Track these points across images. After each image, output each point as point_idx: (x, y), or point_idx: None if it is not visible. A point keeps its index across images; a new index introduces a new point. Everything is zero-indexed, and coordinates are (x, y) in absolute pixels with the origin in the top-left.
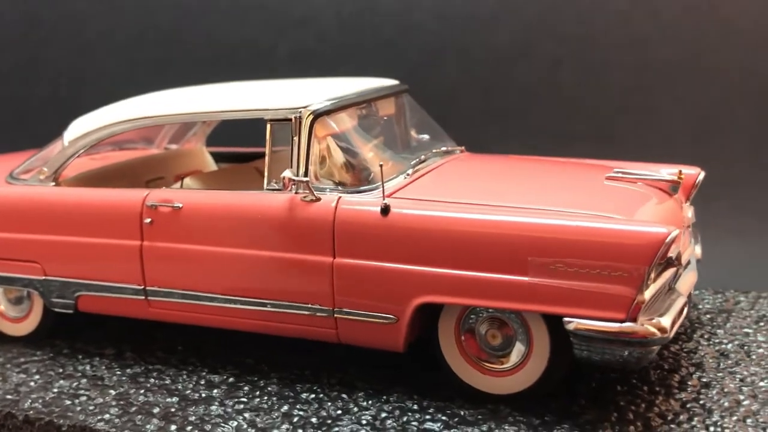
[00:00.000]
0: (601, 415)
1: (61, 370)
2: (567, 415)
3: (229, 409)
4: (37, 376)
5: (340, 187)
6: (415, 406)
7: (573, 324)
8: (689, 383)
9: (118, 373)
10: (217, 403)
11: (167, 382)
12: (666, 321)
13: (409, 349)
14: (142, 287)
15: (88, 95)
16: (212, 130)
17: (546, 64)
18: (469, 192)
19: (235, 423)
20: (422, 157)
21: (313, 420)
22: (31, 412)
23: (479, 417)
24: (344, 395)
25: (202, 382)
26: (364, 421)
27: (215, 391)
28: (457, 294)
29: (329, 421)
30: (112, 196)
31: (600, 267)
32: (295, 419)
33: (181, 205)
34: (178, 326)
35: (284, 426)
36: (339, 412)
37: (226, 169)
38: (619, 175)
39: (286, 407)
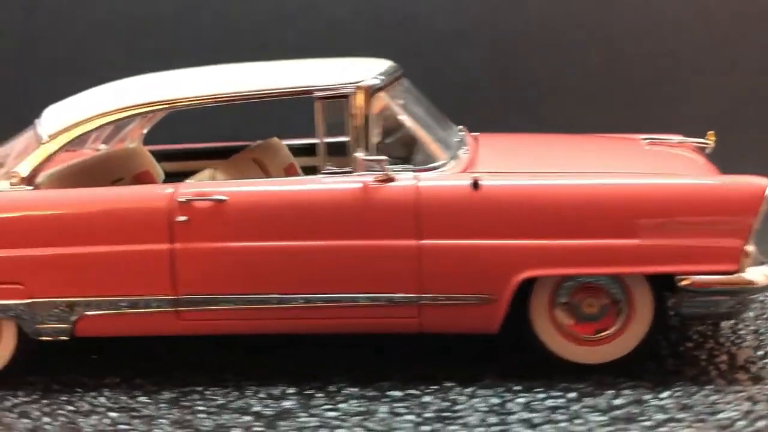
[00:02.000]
0: (698, 370)
1: (72, 408)
2: (667, 374)
3: (327, 417)
4: (47, 419)
5: (400, 165)
6: (519, 387)
7: (688, 280)
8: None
9: (144, 399)
10: (304, 414)
11: (219, 401)
12: (766, 269)
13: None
14: (173, 297)
15: (86, 85)
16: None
17: (568, 52)
18: (545, 162)
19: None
20: (458, 134)
21: (428, 415)
22: None
23: (591, 388)
24: (436, 386)
25: (262, 396)
26: (484, 408)
27: (286, 403)
28: (563, 264)
29: (446, 414)
30: (124, 195)
31: (709, 222)
32: (408, 416)
33: (225, 198)
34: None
35: (407, 424)
36: (447, 403)
37: (228, 163)
38: (657, 140)
39: (385, 408)
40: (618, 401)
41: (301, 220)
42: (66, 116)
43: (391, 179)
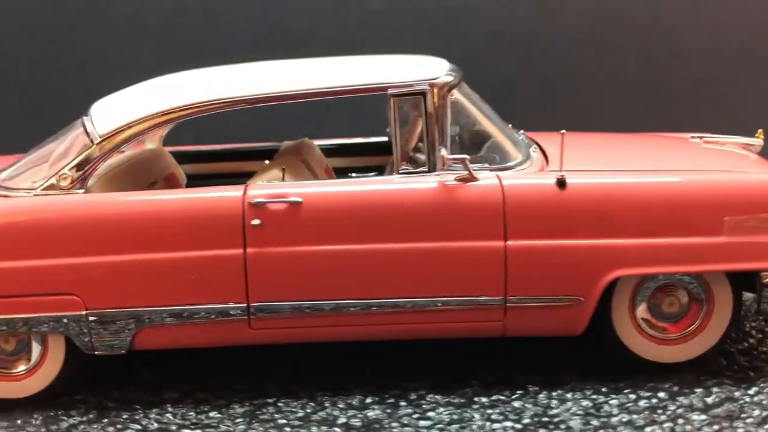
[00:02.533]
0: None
1: (139, 427)
2: (744, 370)
3: (422, 427)
4: None
5: (476, 164)
6: (605, 389)
7: None
8: None
9: (216, 414)
10: (396, 424)
11: (299, 413)
12: None
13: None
14: (245, 305)
15: (114, 84)
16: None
17: (611, 53)
18: (618, 160)
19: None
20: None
21: (526, 421)
22: None
23: (677, 387)
24: (521, 391)
25: (341, 405)
26: (580, 411)
27: (371, 412)
28: (652, 264)
29: (545, 419)
30: (192, 198)
31: None
32: (506, 422)
33: (300, 200)
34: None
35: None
36: (539, 408)
37: (278, 164)
38: (708, 138)
39: (477, 415)
40: (711, 399)
41: (382, 221)
42: (120, 115)
43: (473, 179)
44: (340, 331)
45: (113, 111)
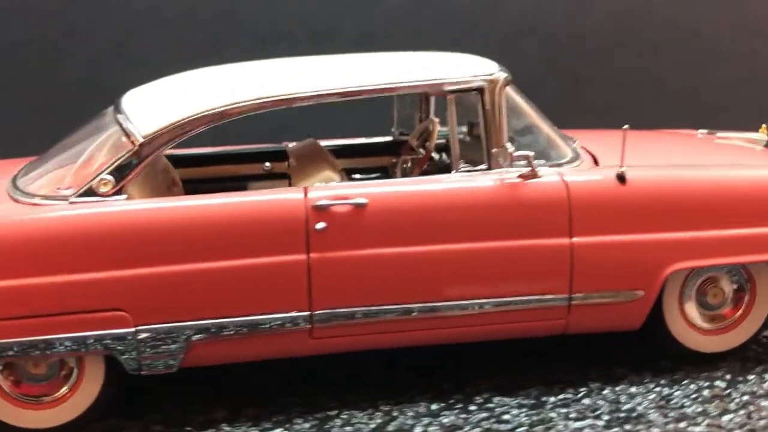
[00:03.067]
0: None
1: None
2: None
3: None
4: None
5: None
6: (664, 381)
7: None
8: None
9: (295, 427)
10: (477, 429)
11: (371, 424)
12: None
13: None
14: (308, 313)
15: (131, 78)
16: None
17: (643, 53)
18: (663, 156)
19: None
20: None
21: (606, 418)
22: None
23: (730, 376)
24: (584, 388)
25: (410, 414)
26: (652, 405)
27: (445, 419)
28: (708, 255)
29: (622, 414)
30: (249, 202)
31: None
32: (585, 420)
33: (365, 201)
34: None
35: (596, 429)
36: (609, 404)
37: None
38: (723, 135)
39: (554, 414)
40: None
41: (444, 222)
42: (163, 113)
43: (536, 175)
44: (404, 336)
45: (153, 109)
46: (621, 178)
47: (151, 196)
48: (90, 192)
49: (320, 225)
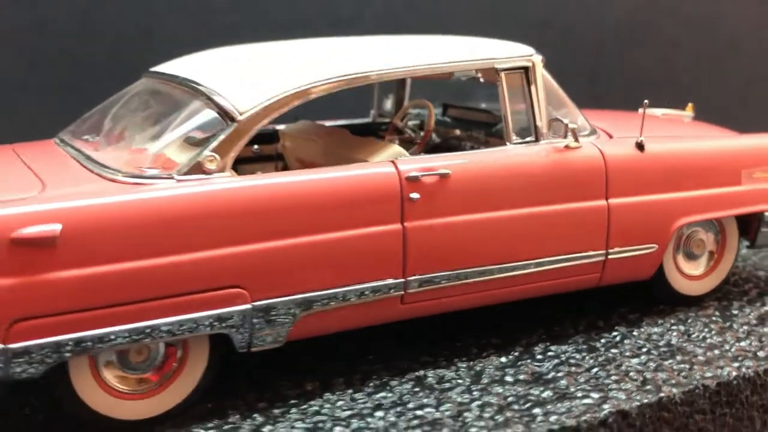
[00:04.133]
0: None
1: (325, 417)
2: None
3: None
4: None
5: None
6: (673, 320)
7: None
8: None
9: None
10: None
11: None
12: None
13: None
14: (402, 280)
15: (150, 59)
16: None
17: (662, 48)
18: (655, 130)
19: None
20: None
21: (654, 352)
22: None
23: (720, 312)
24: (618, 333)
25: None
26: (682, 339)
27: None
28: (706, 210)
29: (665, 350)
30: (348, 176)
31: None
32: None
33: (449, 172)
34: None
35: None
36: (650, 344)
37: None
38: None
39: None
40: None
41: (512, 190)
42: (262, 87)
43: (580, 146)
44: (484, 296)
45: (240, 84)
46: (641, 147)
47: None
48: (197, 169)
49: (414, 195)
